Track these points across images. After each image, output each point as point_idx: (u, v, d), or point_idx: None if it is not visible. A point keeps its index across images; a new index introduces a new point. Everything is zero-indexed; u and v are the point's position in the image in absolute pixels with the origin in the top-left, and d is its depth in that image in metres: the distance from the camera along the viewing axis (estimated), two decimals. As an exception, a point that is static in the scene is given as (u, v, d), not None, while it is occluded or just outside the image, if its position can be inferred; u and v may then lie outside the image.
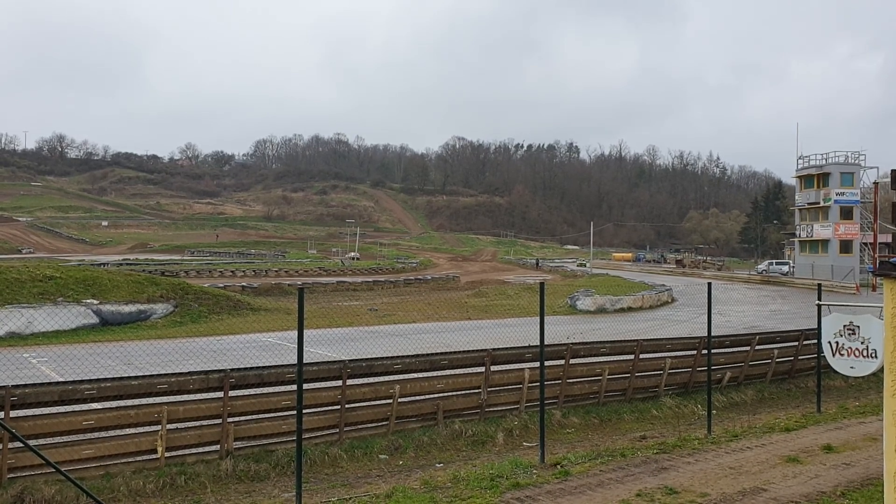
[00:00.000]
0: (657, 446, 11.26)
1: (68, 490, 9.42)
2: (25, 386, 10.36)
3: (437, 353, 14.37)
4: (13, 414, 9.78)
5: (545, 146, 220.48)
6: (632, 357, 16.33)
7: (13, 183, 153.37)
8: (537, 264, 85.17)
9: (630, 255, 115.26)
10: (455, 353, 14.40)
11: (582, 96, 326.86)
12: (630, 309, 38.33)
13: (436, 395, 13.57)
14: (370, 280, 55.76)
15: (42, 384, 11.04)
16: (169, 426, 10.70)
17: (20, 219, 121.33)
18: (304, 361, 8.35)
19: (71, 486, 8.97)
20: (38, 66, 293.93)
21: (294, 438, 8.33)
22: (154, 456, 10.64)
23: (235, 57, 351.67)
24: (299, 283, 47.94)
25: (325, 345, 19.54)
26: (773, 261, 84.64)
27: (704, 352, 14.51)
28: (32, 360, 19.68)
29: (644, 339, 17.12)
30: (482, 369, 13.96)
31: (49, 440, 10.01)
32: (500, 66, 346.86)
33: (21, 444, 8.91)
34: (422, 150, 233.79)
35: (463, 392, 13.97)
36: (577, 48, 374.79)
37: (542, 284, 10.86)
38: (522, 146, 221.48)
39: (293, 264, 70.16)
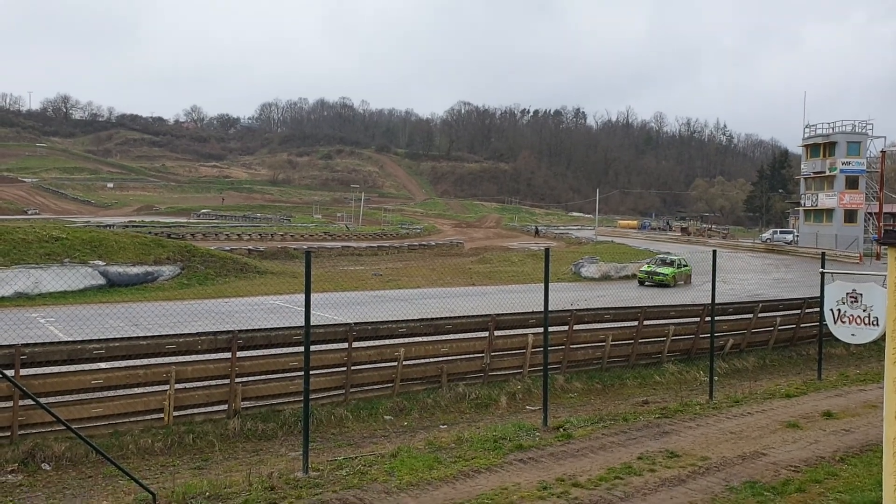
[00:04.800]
0: (659, 411, 11.39)
1: (78, 447, 9.59)
2: (35, 345, 10.50)
3: (441, 318, 14.48)
4: (23, 372, 9.91)
5: (551, 112, 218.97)
6: (636, 324, 16.44)
7: (18, 143, 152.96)
8: (537, 232, 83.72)
9: (635, 222, 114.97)
10: (459, 317, 14.50)
11: (590, 61, 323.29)
12: (635, 276, 38.38)
13: (440, 359, 13.72)
14: (375, 245, 55.86)
15: (51, 343, 11.19)
16: (177, 386, 10.85)
17: (25, 179, 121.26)
18: (311, 324, 8.43)
19: (81, 443, 9.13)
20: (42, 25, 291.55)
21: (301, 399, 8.45)
22: (162, 415, 10.81)
23: (241, 17, 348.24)
24: (305, 247, 48.05)
25: (331, 308, 19.67)
26: (778, 229, 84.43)
27: (707, 319, 14.60)
28: (40, 320, 19.86)
29: (648, 307, 17.21)
30: (486, 334, 14.08)
31: (58, 398, 10.17)
32: (509, 28, 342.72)
33: (31, 402, 9.06)
34: (427, 114, 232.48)
35: (467, 356, 14.10)
36: (589, 9, 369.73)
37: (546, 250, 10.90)
38: (528, 111, 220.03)
39: (298, 228, 70.26)
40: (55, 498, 8.28)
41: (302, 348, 8.68)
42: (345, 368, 12.44)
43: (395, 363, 12.95)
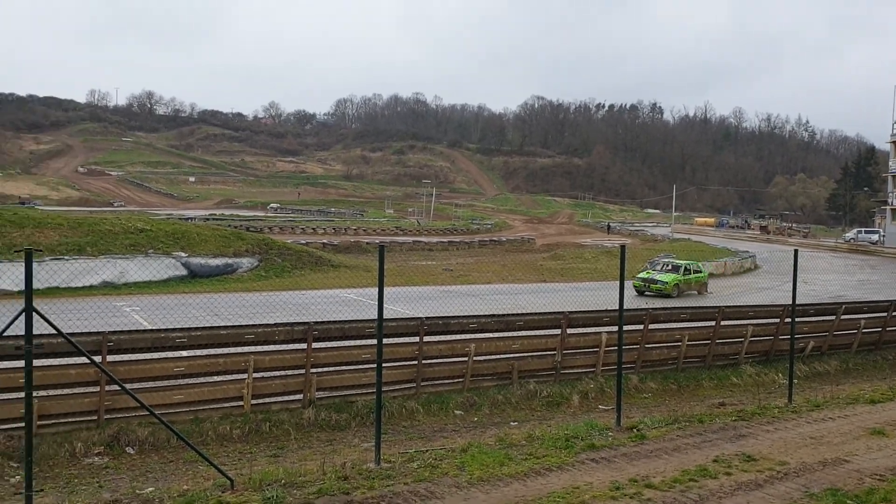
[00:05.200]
0: (736, 413, 11.09)
1: (160, 432, 9.95)
2: (121, 332, 10.94)
3: (512, 314, 14.45)
4: (109, 359, 10.32)
5: (627, 106, 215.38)
6: (713, 324, 16.07)
7: (105, 138, 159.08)
8: (609, 228, 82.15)
9: (713, 220, 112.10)
10: (531, 314, 14.44)
11: (668, 55, 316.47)
12: (711, 275, 37.45)
13: (511, 355, 13.69)
14: (445, 241, 56.07)
15: (136, 331, 11.64)
16: (255, 375, 11.15)
17: (112, 173, 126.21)
18: (384, 317, 8.51)
19: (163, 428, 9.46)
20: (129, 23, 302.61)
21: (373, 391, 8.56)
22: (240, 403, 11.12)
23: (319, 14, 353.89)
24: (377, 241, 48.62)
25: (402, 302, 19.84)
26: (862, 229, 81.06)
27: (787, 320, 14.15)
28: (125, 309, 20.66)
29: (725, 306, 16.79)
30: (558, 331, 13.98)
31: (142, 385, 10.55)
32: (585, 21, 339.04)
33: (117, 388, 9.43)
34: (500, 109, 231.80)
35: (538, 353, 14.04)
36: (668, 1, 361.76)
37: (622, 247, 10.73)
38: (603, 106, 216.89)
39: (371, 223, 71.12)
40: (138, 480, 8.59)
41: (374, 341, 8.79)
42: (416, 362, 12.56)
43: (466, 358, 12.99)
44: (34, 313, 6.29)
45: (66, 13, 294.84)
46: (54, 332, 6.65)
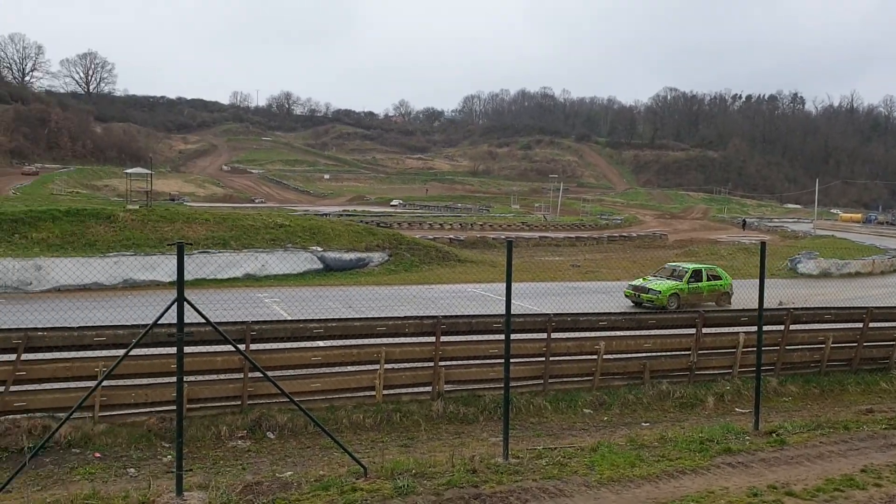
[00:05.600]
0: (886, 421, 10.39)
1: (298, 419, 10.40)
2: (263, 322, 11.51)
3: (643, 312, 14.13)
4: (252, 347, 10.87)
5: (765, 97, 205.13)
6: (860, 325, 15.09)
7: (247, 138, 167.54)
8: (744, 224, 78.22)
9: (859, 215, 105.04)
10: (663, 313, 14.05)
11: (809, 43, 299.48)
12: (858, 274, 35.24)
13: (642, 354, 13.39)
14: (573, 236, 55.41)
15: (276, 321, 12.20)
16: (386, 366, 11.45)
17: (253, 171, 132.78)
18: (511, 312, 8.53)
19: (300, 415, 9.89)
20: (269, 26, 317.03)
21: (501, 386, 8.59)
22: (372, 393, 11.45)
23: (445, 13, 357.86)
24: (503, 237, 48.71)
25: (529, 298, 19.79)
26: None
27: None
28: (266, 300, 21.71)
29: (875, 307, 15.73)
30: (693, 331, 13.54)
31: (281, 373, 11.06)
32: (719, 9, 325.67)
33: (259, 375, 9.93)
34: (630, 101, 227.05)
35: (671, 353, 13.66)
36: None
37: (762, 244, 10.27)
38: (740, 97, 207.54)
39: (497, 219, 71.28)
40: (278, 464, 9.01)
41: (501, 336, 8.82)
42: (543, 358, 12.50)
43: (595, 356, 12.82)
44: (185, 303, 6.74)
45: (211, 21, 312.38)
46: (203, 321, 7.09)
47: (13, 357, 9.95)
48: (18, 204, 39.76)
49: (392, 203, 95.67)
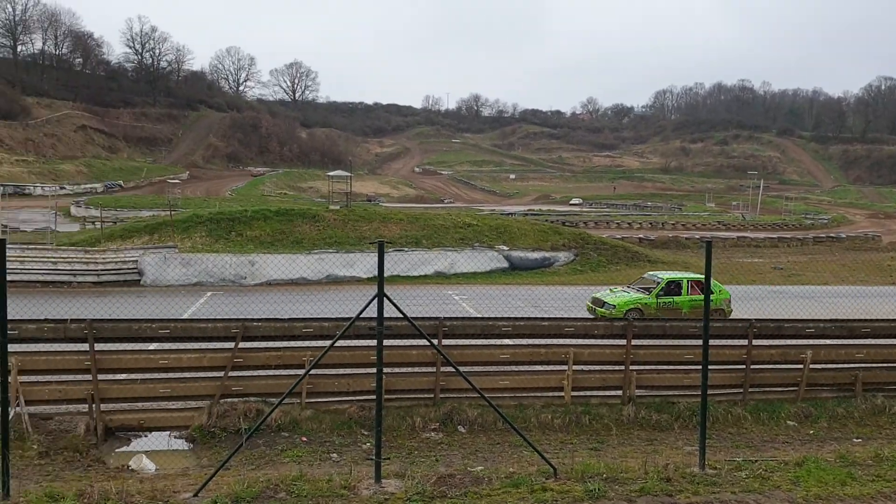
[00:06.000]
0: None
1: (487, 415, 10.59)
2: (454, 319, 11.83)
3: (857, 320, 13.03)
4: (444, 342, 11.19)
5: None
6: None
7: (437, 140, 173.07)
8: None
9: None
10: (880, 320, 12.92)
11: None
12: None
13: (854, 365, 12.38)
14: (774, 237, 52.03)
15: (467, 318, 12.51)
16: (575, 367, 11.37)
17: (442, 172, 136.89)
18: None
19: (490, 411, 10.07)
20: (459, 31, 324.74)
21: (696, 393, 8.27)
22: (560, 394, 11.42)
23: (634, 7, 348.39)
24: (697, 236, 46.72)
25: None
26: None
27: None
28: (455, 297, 22.27)
29: None
30: (915, 341, 12.32)
31: (471, 368, 11.30)
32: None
33: (451, 369, 10.22)
34: (838, 93, 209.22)
35: (888, 364, 12.51)
36: None
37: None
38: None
39: (690, 217, 68.40)
40: (469, 458, 9.23)
41: (696, 342, 8.49)
42: (743, 366, 11.88)
43: (801, 366, 12.00)
44: (385, 299, 7.07)
45: (405, 28, 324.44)
46: (399, 315, 7.41)
47: (231, 345, 10.91)
48: (234, 204, 43.49)
49: (572, 202, 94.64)
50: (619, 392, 11.57)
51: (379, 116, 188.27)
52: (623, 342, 11.52)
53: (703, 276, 21.05)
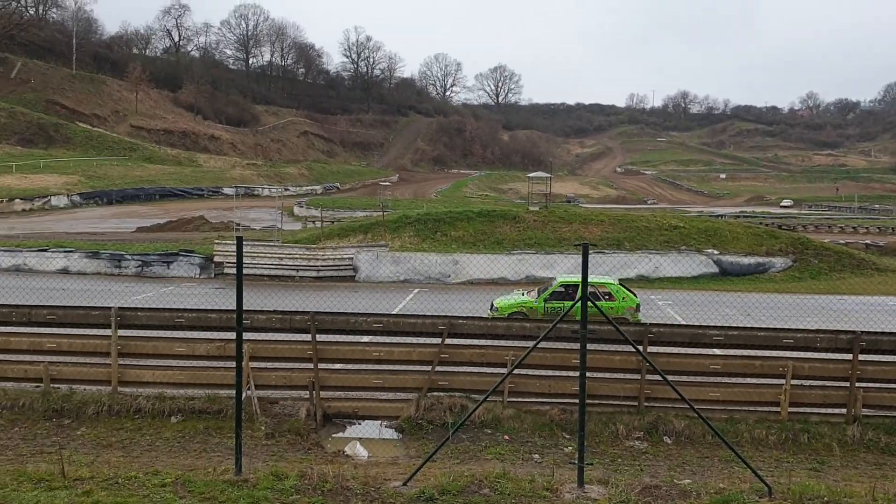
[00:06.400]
0: None
1: (695, 426, 10.20)
2: (660, 325, 11.53)
3: None
4: (649, 349, 10.87)
5: None
6: None
7: (640, 139, 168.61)
8: None
9: None
10: None
11: None
12: None
13: None
14: None
15: (674, 325, 12.14)
16: (793, 381, 10.66)
17: (646, 172, 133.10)
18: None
19: (698, 422, 9.69)
20: (666, 27, 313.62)
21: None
22: (776, 409, 10.75)
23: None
24: (937, 243, 41.90)
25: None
26: None
27: None
28: (659, 302, 21.59)
29: None
30: None
31: (678, 378, 10.89)
32: None
33: (656, 377, 9.93)
34: None
35: None
36: None
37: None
38: None
39: (929, 222, 61.52)
40: (675, 470, 8.95)
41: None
42: None
43: None
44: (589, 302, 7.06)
45: (608, 27, 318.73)
46: (603, 319, 7.35)
47: (438, 340, 11.33)
48: (439, 206, 44.97)
49: (782, 204, 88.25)
50: (843, 410, 10.69)
51: (580, 117, 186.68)
52: (848, 356, 10.63)
53: (608, 282, 18.70)
